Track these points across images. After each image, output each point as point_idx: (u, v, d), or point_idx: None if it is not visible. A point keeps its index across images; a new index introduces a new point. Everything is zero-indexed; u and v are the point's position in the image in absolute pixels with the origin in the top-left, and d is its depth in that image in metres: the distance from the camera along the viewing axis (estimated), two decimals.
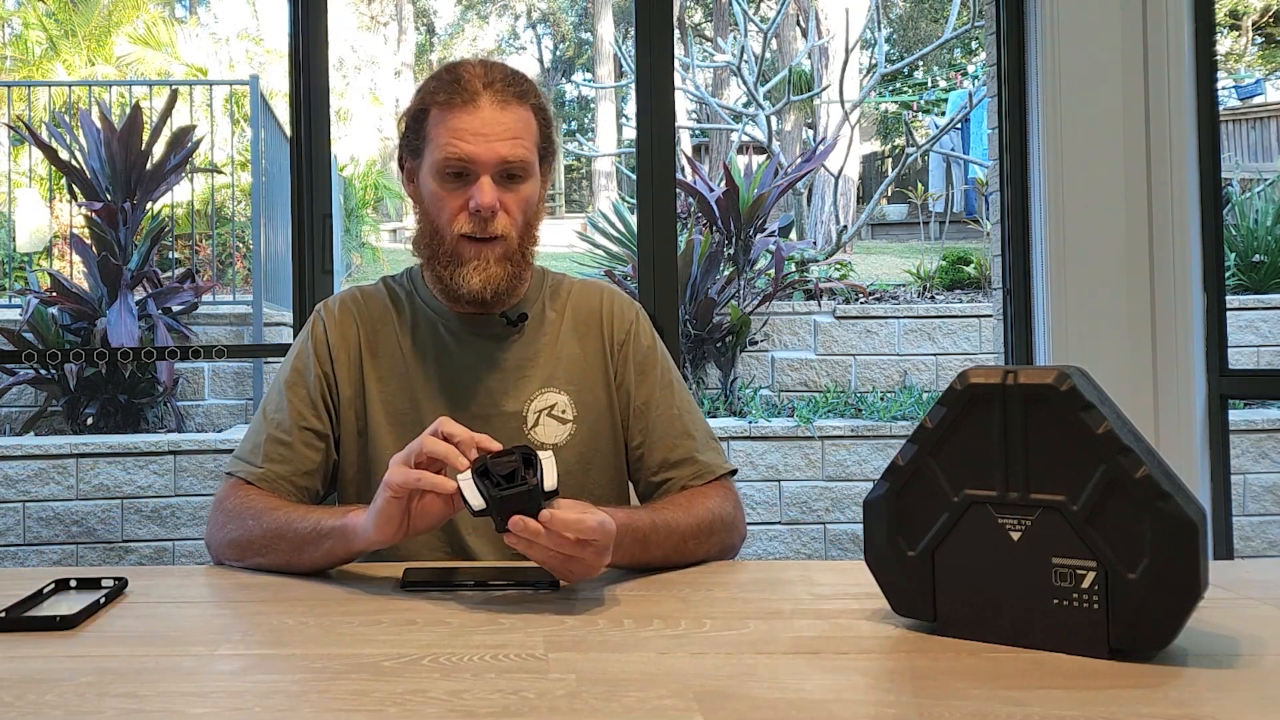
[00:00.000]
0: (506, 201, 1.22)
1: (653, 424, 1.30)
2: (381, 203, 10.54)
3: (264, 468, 1.23)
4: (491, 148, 1.19)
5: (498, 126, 1.19)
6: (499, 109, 1.20)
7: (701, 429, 1.32)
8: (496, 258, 1.22)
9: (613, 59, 14.76)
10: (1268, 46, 13.03)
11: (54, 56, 8.40)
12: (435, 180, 1.22)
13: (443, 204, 1.22)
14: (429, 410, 1.26)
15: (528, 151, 1.22)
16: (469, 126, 1.19)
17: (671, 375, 1.35)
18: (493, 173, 1.20)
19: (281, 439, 1.25)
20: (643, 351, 1.34)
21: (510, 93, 1.21)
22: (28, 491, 3.76)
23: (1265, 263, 5.12)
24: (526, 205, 1.24)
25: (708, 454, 1.30)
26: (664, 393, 1.32)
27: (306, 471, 1.25)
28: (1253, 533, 4.09)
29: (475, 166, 1.20)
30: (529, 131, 1.23)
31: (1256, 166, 8.07)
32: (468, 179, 1.21)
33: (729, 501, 1.26)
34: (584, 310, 1.35)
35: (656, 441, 1.30)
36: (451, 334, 1.30)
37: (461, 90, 1.20)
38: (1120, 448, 0.80)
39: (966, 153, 8.86)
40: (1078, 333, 2.39)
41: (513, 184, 1.22)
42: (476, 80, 1.20)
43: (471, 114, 1.19)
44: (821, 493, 4.16)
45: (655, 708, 0.72)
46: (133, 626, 0.94)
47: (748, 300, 5.12)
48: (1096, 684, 0.76)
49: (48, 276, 5.04)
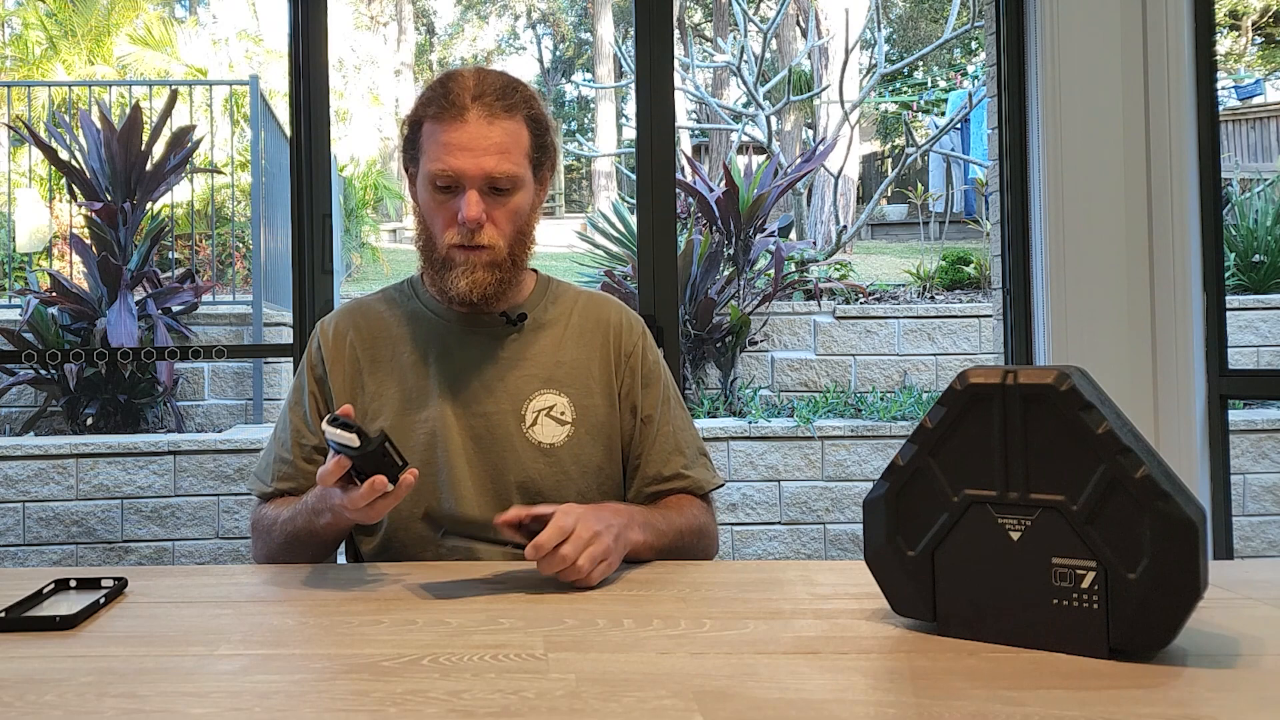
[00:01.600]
0: (494, 213, 1.24)
1: (650, 439, 1.35)
2: (381, 203, 10.54)
3: (273, 486, 1.34)
4: (477, 163, 1.21)
5: (484, 141, 1.21)
6: (485, 123, 1.21)
7: (692, 446, 1.38)
8: (483, 264, 1.25)
9: (613, 59, 14.77)
10: (1267, 46, 13.03)
11: (54, 56, 8.40)
12: (427, 191, 1.25)
13: (435, 214, 1.26)
14: (432, 408, 1.29)
15: (514, 165, 1.23)
16: (455, 141, 1.21)
17: (670, 392, 1.40)
18: (479, 186, 1.22)
19: (285, 457, 1.34)
20: (648, 366, 1.38)
21: (499, 106, 1.22)
22: (28, 491, 3.76)
23: (1265, 263, 5.12)
24: (515, 216, 1.27)
25: (697, 470, 1.37)
26: (663, 409, 1.37)
27: (312, 485, 1.30)
28: (1253, 533, 4.09)
29: (463, 180, 1.22)
30: (518, 144, 1.24)
31: (1256, 166, 8.07)
32: (456, 191, 1.23)
33: (707, 514, 1.35)
34: (591, 320, 1.38)
35: (652, 456, 1.35)
36: (452, 332, 1.33)
37: (450, 104, 1.22)
38: (1120, 448, 0.80)
39: (966, 153, 8.86)
40: (1078, 333, 2.39)
41: (500, 196, 1.24)
42: (466, 94, 1.22)
43: (458, 129, 1.21)
44: (821, 493, 4.16)
45: (655, 708, 0.72)
46: (133, 626, 0.94)
47: (748, 300, 5.12)
48: (1096, 684, 0.76)
49: (48, 276, 5.04)
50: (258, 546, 1.32)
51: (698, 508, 1.33)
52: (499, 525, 1.08)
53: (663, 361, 1.41)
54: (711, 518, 1.36)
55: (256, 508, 1.35)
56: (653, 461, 1.34)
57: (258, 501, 1.36)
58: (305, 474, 1.32)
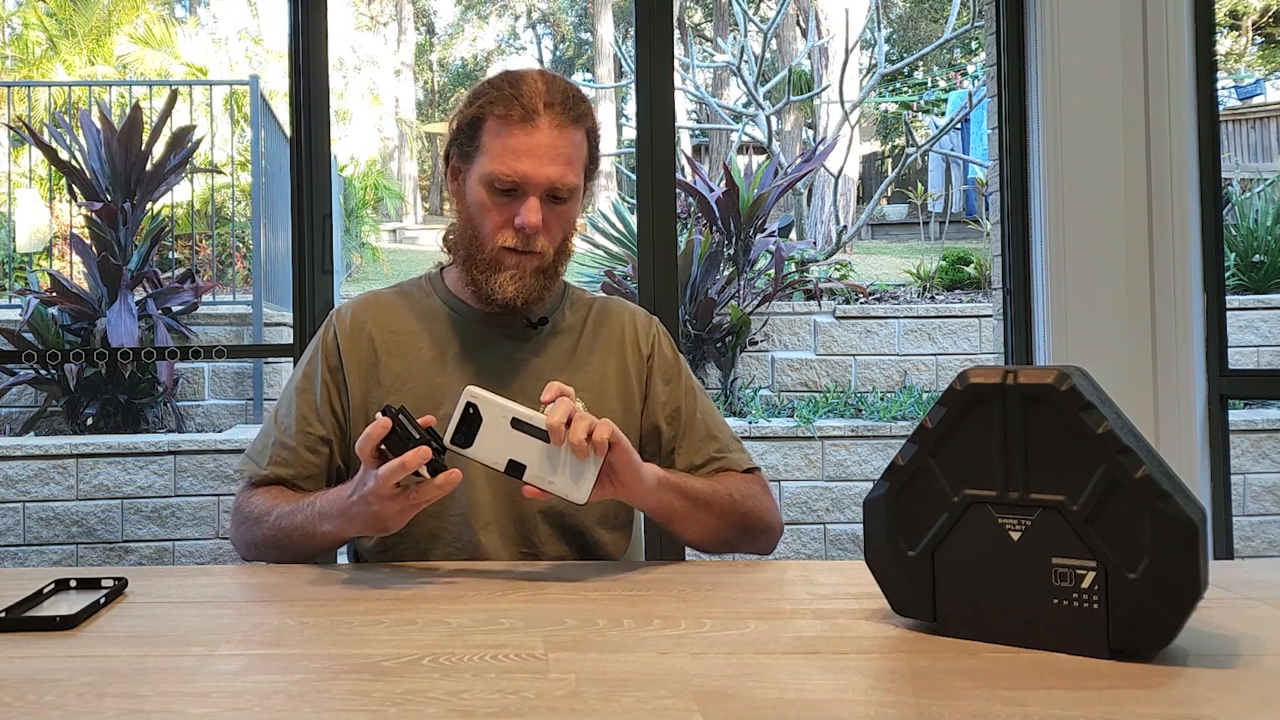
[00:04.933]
0: (549, 220, 1.24)
1: (681, 431, 1.35)
2: (381, 203, 10.54)
3: (268, 470, 1.28)
4: (544, 171, 1.20)
5: (553, 151, 1.20)
6: (556, 132, 1.20)
7: (725, 431, 1.37)
8: (533, 269, 1.25)
9: (613, 59, 14.76)
10: (1267, 46, 13.03)
11: (54, 56, 8.40)
12: (484, 190, 1.23)
13: (488, 214, 1.24)
14: (449, 406, 1.27)
15: (576, 177, 1.24)
16: (525, 147, 1.20)
17: (693, 383, 1.40)
18: (541, 194, 1.22)
19: (286, 443, 1.29)
20: (668, 362, 1.38)
21: (569, 116, 1.22)
22: (28, 491, 3.76)
23: (1265, 263, 5.12)
24: (567, 224, 1.27)
25: (734, 453, 1.35)
26: (688, 399, 1.37)
27: (309, 475, 1.30)
28: (1253, 533, 4.09)
29: (526, 187, 1.21)
30: (580, 155, 1.24)
31: (1256, 166, 8.07)
32: (516, 195, 1.22)
33: (756, 485, 1.31)
34: (607, 326, 1.38)
35: (686, 446, 1.34)
36: (473, 333, 1.32)
37: (521, 107, 1.20)
38: (1120, 448, 0.80)
39: (966, 153, 8.86)
40: (1078, 333, 2.39)
41: (558, 205, 1.24)
42: (538, 98, 1.21)
43: (529, 134, 1.20)
44: (821, 493, 4.16)
45: (655, 708, 0.72)
46: (133, 626, 0.94)
47: (748, 300, 5.12)
48: (1096, 684, 0.76)
49: (48, 276, 5.04)
50: (240, 531, 1.27)
51: (737, 478, 1.30)
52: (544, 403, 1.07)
53: (681, 355, 1.42)
54: (762, 488, 1.32)
55: (244, 490, 1.30)
56: (686, 452, 1.33)
57: (245, 483, 1.31)
58: (305, 463, 1.28)
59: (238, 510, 1.28)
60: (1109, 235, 2.39)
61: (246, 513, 1.25)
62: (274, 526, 1.21)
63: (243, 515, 1.26)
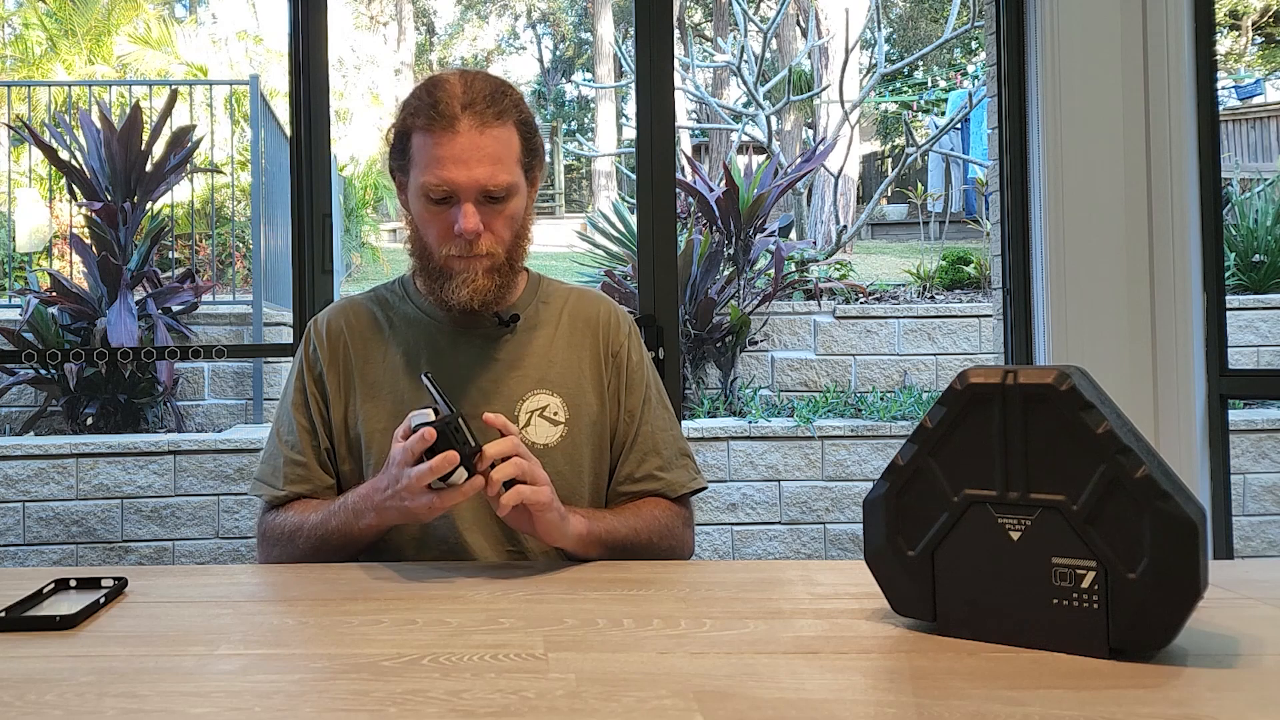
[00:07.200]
0: (490, 222, 1.23)
1: (629, 438, 1.34)
2: (381, 203, 10.54)
3: (286, 490, 1.30)
4: (471, 175, 1.19)
5: (477, 152, 1.19)
6: (478, 133, 1.19)
7: (671, 447, 1.36)
8: (484, 270, 1.24)
9: (613, 59, 14.75)
10: (1267, 46, 13.03)
11: (54, 56, 8.39)
12: (421, 202, 1.24)
13: (429, 225, 1.24)
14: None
15: (509, 174, 1.22)
16: (449, 154, 1.19)
17: (653, 392, 1.38)
18: (474, 197, 1.21)
19: (297, 460, 1.30)
20: (633, 365, 1.37)
21: (490, 113, 1.20)
22: (28, 491, 3.76)
23: (1265, 263, 5.12)
24: (511, 221, 1.26)
25: (674, 472, 1.34)
26: (644, 409, 1.36)
27: (327, 487, 1.31)
28: (1253, 533, 4.09)
29: (458, 193, 1.21)
30: (510, 151, 1.22)
31: (1256, 166, 8.07)
32: (451, 202, 1.22)
33: (675, 516, 1.32)
34: (580, 318, 1.37)
35: (629, 456, 1.34)
36: (444, 335, 1.32)
37: (439, 115, 1.19)
38: (1120, 448, 0.80)
39: (966, 153, 8.86)
40: (1078, 333, 2.39)
41: (496, 204, 1.23)
42: (455, 102, 1.19)
43: (450, 140, 1.19)
44: (821, 493, 4.16)
45: (655, 708, 0.72)
46: (133, 626, 0.94)
47: (748, 300, 5.12)
48: (1096, 684, 0.76)
49: (48, 276, 5.03)
50: (273, 553, 1.27)
51: (663, 509, 1.31)
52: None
53: (648, 361, 1.40)
54: (683, 521, 1.33)
55: (265, 514, 1.30)
56: (628, 461, 1.34)
57: (264, 507, 1.32)
58: (320, 477, 1.30)
59: (265, 535, 1.29)
60: (1109, 235, 2.38)
61: (277, 534, 1.27)
62: (310, 537, 1.22)
63: (274, 537, 1.27)
